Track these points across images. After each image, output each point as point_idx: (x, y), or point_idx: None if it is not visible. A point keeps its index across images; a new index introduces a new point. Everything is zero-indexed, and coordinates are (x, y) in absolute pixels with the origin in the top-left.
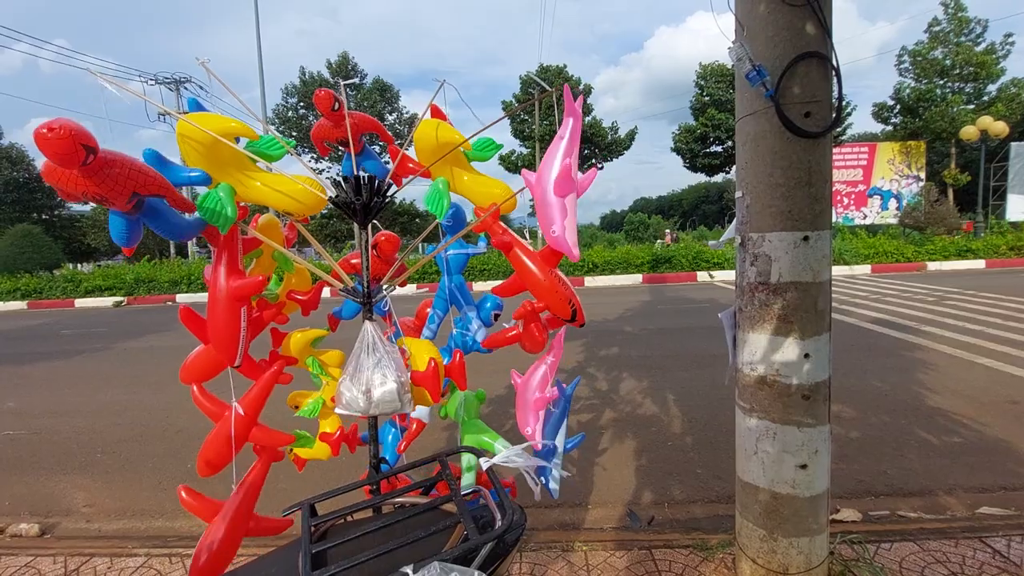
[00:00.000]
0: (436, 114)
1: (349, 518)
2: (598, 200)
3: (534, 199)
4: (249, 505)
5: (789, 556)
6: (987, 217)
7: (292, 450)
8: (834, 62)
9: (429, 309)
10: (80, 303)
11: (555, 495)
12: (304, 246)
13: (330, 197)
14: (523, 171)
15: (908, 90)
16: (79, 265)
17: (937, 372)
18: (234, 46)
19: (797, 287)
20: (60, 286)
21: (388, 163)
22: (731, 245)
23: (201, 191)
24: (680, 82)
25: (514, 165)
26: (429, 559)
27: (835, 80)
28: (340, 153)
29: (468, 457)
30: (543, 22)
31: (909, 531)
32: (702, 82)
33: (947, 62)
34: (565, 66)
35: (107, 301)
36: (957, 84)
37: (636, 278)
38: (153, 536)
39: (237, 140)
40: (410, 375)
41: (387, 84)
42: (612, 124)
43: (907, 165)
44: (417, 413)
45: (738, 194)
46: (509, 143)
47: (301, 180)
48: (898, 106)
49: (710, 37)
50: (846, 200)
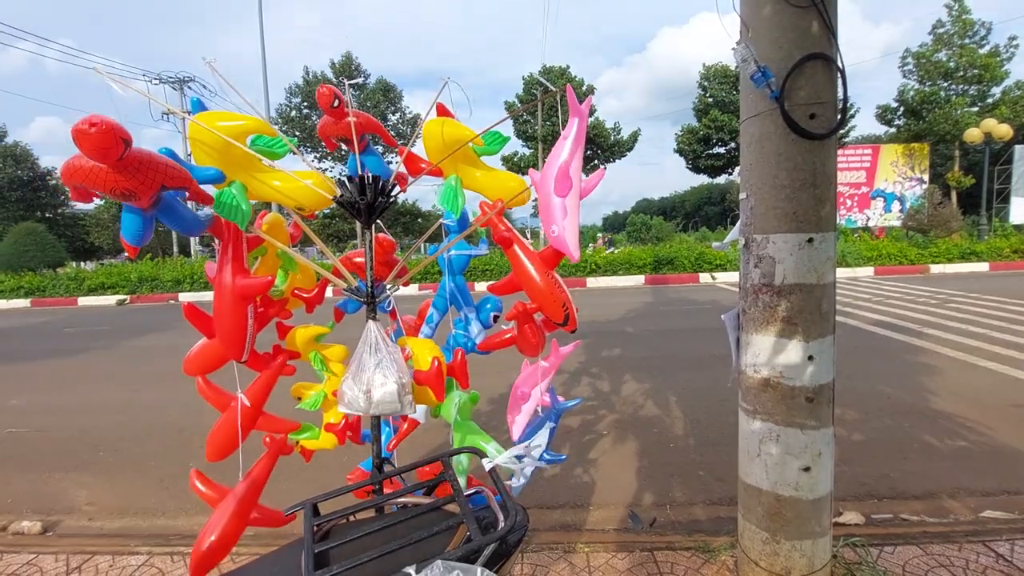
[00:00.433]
0: (442, 113)
1: (351, 518)
2: (600, 201)
3: (538, 198)
4: (254, 494)
5: (792, 559)
6: (991, 220)
7: (298, 442)
8: (839, 63)
9: (429, 308)
10: (83, 301)
11: (514, 492)
12: (306, 245)
13: (335, 197)
14: (530, 170)
15: (912, 92)
16: (82, 263)
17: (940, 375)
18: (236, 46)
19: (801, 289)
20: (63, 284)
21: (391, 163)
22: (735, 247)
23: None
24: (683, 83)
25: (517, 166)
26: (432, 559)
27: (840, 81)
28: (344, 153)
29: (458, 460)
30: (546, 23)
31: (912, 535)
32: (705, 83)
33: (951, 64)
34: (568, 67)
35: (110, 299)
36: (961, 86)
37: (638, 279)
38: (155, 534)
39: (246, 139)
40: (412, 375)
41: (390, 84)
42: (615, 125)
43: (910, 167)
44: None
45: (742, 195)
46: (512, 144)
47: (308, 177)
48: (902, 108)
49: (714, 38)
50: (849, 202)
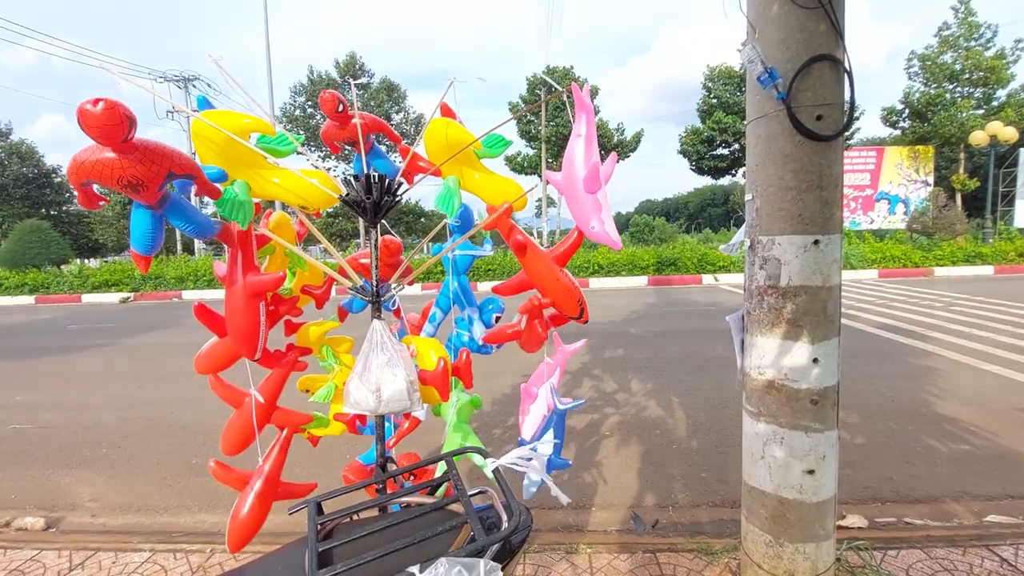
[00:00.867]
0: (446, 113)
1: (355, 517)
2: None
3: (566, 197)
4: (276, 472)
5: (795, 562)
6: (996, 223)
7: (307, 429)
8: (847, 65)
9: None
10: (87, 298)
11: (525, 495)
12: (308, 244)
13: (340, 196)
14: (545, 172)
15: (917, 94)
16: (87, 260)
17: (944, 379)
18: (237, 46)
19: (807, 291)
20: (68, 281)
21: (397, 162)
22: (741, 248)
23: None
24: (687, 84)
25: (520, 166)
26: (435, 559)
27: (847, 83)
28: (349, 152)
29: (441, 465)
30: (550, 24)
31: (916, 538)
32: (709, 84)
33: (957, 67)
34: (572, 67)
35: (114, 297)
36: (967, 89)
37: (641, 280)
38: (157, 531)
39: (249, 137)
40: (418, 374)
41: (394, 84)
42: (619, 125)
43: (915, 170)
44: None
45: (748, 197)
46: (515, 144)
47: (313, 176)
48: (907, 110)
49: (719, 39)
50: (853, 204)
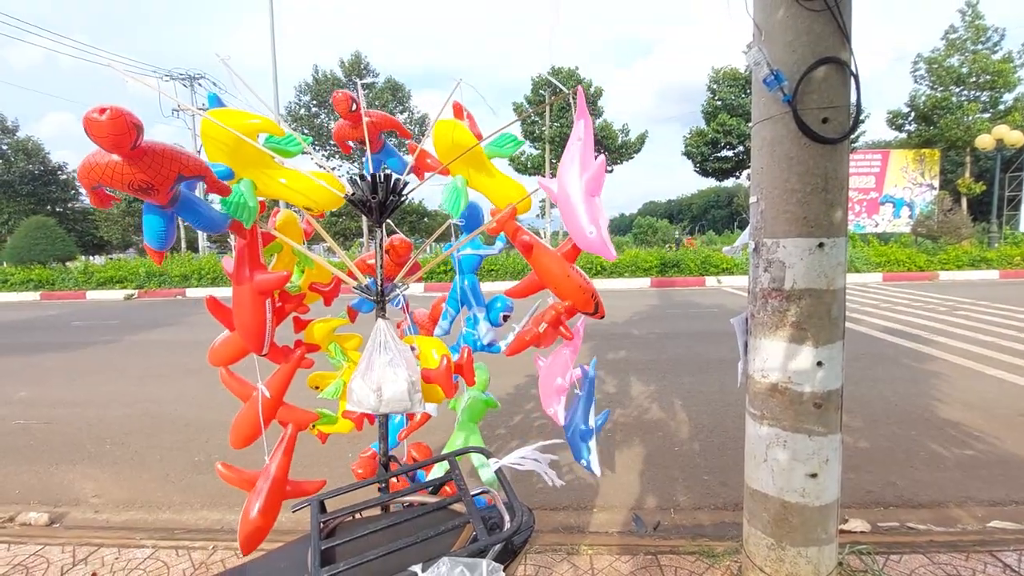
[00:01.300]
0: (458, 112)
1: (358, 515)
2: (606, 203)
3: (557, 204)
4: (283, 471)
5: (797, 566)
6: (1001, 227)
7: (315, 426)
8: (853, 68)
9: (444, 304)
10: (92, 295)
11: (598, 473)
12: (313, 243)
13: (346, 195)
14: (539, 179)
15: (923, 97)
16: (92, 257)
17: (948, 383)
18: (239, 45)
19: (811, 294)
20: (72, 278)
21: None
22: (746, 251)
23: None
24: (692, 86)
25: (524, 166)
26: (437, 558)
27: (854, 86)
28: (359, 153)
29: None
30: (555, 24)
31: (919, 543)
32: (714, 86)
33: (963, 70)
34: (577, 68)
35: (118, 294)
36: (973, 92)
37: (644, 282)
38: (160, 528)
39: (257, 137)
40: (420, 372)
41: (399, 84)
42: (623, 127)
43: (920, 173)
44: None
45: (753, 199)
46: None
47: (320, 177)
48: (913, 113)
49: (724, 41)
50: (858, 207)
